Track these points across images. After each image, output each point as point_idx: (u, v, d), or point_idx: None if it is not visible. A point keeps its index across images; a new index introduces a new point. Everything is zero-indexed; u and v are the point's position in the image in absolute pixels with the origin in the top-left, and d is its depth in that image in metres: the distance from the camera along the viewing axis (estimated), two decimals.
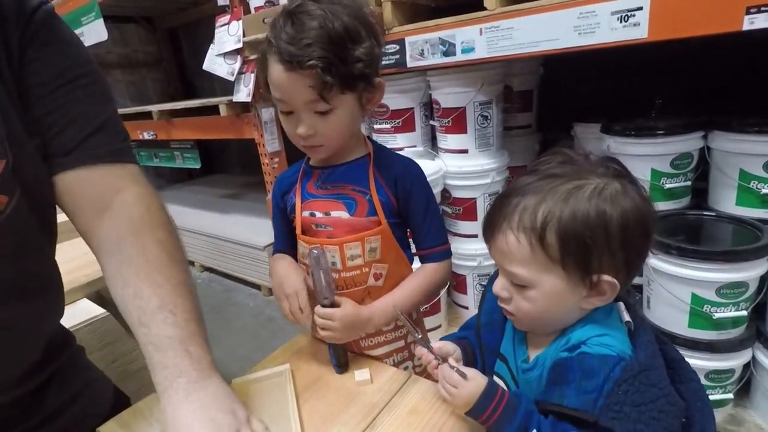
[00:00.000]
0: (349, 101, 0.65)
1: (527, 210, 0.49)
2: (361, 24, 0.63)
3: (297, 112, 0.64)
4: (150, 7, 2.90)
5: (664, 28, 0.94)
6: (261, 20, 1.65)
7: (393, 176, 0.71)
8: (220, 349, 1.94)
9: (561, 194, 0.48)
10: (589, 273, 0.48)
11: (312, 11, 0.60)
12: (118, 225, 0.58)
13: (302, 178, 0.76)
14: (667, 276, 1.09)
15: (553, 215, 0.47)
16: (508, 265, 0.51)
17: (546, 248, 0.48)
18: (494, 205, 0.54)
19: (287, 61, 0.60)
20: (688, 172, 1.23)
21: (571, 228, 0.47)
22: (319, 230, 0.74)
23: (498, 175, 1.50)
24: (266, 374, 0.73)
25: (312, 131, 0.65)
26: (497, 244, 0.52)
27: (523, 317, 0.53)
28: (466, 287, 1.65)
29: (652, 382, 0.45)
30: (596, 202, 0.47)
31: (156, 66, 3.33)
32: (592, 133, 1.43)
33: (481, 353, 0.65)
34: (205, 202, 3.00)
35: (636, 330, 0.52)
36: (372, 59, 0.64)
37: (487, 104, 1.45)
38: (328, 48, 0.59)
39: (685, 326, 1.10)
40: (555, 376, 0.49)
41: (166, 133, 2.38)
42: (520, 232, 0.49)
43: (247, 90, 1.78)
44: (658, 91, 1.34)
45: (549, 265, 0.48)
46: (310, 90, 0.61)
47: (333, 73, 0.59)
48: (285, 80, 0.62)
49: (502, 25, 1.14)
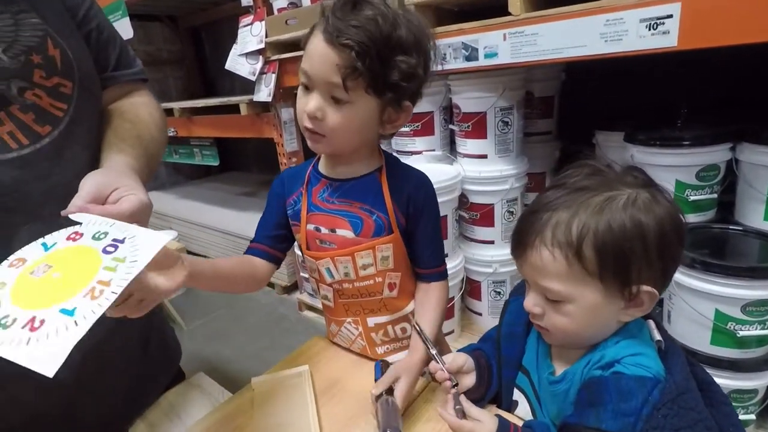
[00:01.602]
0: (368, 104, 0.62)
1: (560, 225, 0.48)
2: (418, 45, 0.61)
3: (315, 89, 0.61)
4: (174, 6, 2.94)
5: (695, 37, 0.91)
6: (284, 21, 1.66)
7: (405, 193, 0.69)
8: (232, 346, 1.96)
9: (594, 207, 0.47)
10: (627, 284, 0.47)
11: (375, 4, 0.59)
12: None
13: (309, 182, 0.73)
14: (689, 290, 1.06)
15: (588, 228, 0.46)
16: (542, 280, 0.50)
17: (583, 262, 0.47)
18: (523, 221, 0.53)
19: (329, 32, 0.58)
20: (714, 185, 1.20)
21: (608, 240, 0.46)
22: (324, 247, 0.72)
23: (517, 181, 1.49)
24: (285, 375, 0.73)
25: (320, 114, 0.61)
26: (530, 261, 0.51)
27: (558, 333, 0.52)
28: (481, 293, 1.63)
29: (690, 406, 0.45)
30: (631, 212, 0.46)
31: (178, 64, 3.37)
32: (615, 142, 1.40)
33: (499, 365, 0.64)
34: (222, 198, 3.03)
35: (667, 350, 0.51)
36: (411, 77, 0.61)
37: (508, 110, 1.43)
38: (372, 39, 0.57)
39: (707, 343, 1.07)
40: (589, 396, 0.48)
41: (187, 130, 2.41)
42: (555, 248, 0.48)
43: (268, 90, 1.79)
44: (684, 100, 1.31)
45: (586, 279, 0.48)
46: (337, 70, 0.58)
47: (365, 64, 0.57)
48: (319, 51, 0.59)
49: (526, 31, 1.13)
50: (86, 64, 0.63)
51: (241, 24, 1.83)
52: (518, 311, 0.63)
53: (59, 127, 0.57)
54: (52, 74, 0.57)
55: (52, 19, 0.59)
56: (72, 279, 0.41)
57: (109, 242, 0.44)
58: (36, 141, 0.55)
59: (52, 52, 0.57)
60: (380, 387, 0.63)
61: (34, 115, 0.55)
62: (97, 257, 0.43)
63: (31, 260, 0.43)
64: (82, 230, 0.45)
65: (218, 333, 2.11)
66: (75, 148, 0.59)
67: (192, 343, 2.00)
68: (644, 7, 0.94)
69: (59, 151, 0.57)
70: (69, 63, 0.59)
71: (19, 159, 0.53)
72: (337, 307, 0.77)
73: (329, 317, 0.81)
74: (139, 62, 0.75)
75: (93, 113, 0.64)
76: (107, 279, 0.41)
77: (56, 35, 0.58)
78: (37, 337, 0.37)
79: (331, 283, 0.73)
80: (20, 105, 0.54)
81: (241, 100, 1.97)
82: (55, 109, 0.57)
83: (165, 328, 0.87)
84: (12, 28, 0.54)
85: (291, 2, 1.70)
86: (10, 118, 0.53)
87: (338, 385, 0.72)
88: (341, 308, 0.76)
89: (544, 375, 0.57)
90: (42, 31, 0.57)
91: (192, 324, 2.18)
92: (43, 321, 0.38)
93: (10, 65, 0.54)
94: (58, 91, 0.58)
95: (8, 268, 0.43)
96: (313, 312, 2.12)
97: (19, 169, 0.53)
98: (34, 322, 0.38)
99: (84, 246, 0.44)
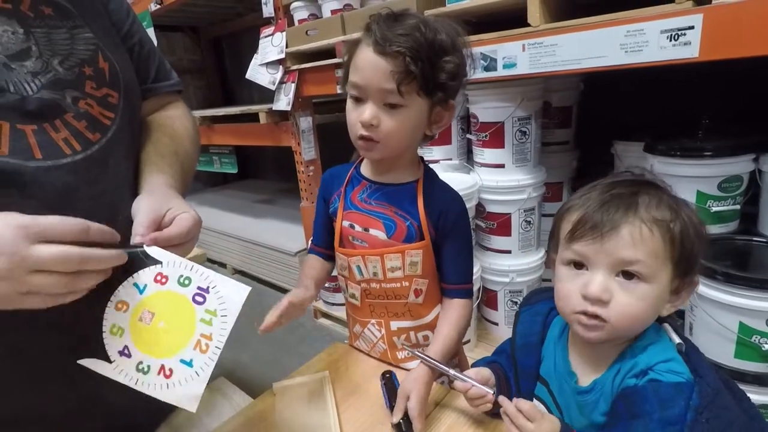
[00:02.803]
0: (420, 106, 0.65)
1: (651, 206, 0.50)
2: (457, 48, 0.66)
3: (368, 99, 0.64)
4: (197, 17, 3.02)
5: (717, 48, 0.91)
6: (304, 32, 1.69)
7: (438, 209, 0.72)
8: (248, 353, 1.97)
9: (668, 199, 0.51)
10: (686, 275, 0.51)
11: (414, 14, 0.65)
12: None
13: (348, 184, 0.77)
14: (712, 302, 1.05)
15: (677, 216, 0.50)
16: (635, 254, 0.49)
17: (672, 245, 0.49)
18: (604, 199, 0.51)
19: (379, 43, 0.61)
20: (737, 196, 1.19)
21: (690, 232, 0.50)
22: (356, 244, 0.75)
23: (534, 191, 1.49)
24: (305, 380, 0.74)
25: (376, 121, 0.64)
26: (623, 234, 0.49)
27: (618, 320, 0.50)
28: (497, 303, 1.63)
29: (726, 405, 0.46)
30: (694, 212, 0.51)
31: (199, 74, 3.45)
32: (634, 152, 1.39)
33: (516, 376, 0.64)
34: (240, 206, 3.07)
35: (688, 352, 0.51)
36: (455, 77, 0.65)
37: (526, 120, 1.44)
38: (420, 43, 0.61)
39: (731, 356, 1.05)
40: (628, 407, 0.48)
41: (207, 138, 2.46)
42: (653, 224, 0.49)
43: (287, 99, 1.82)
44: (705, 110, 1.30)
45: (668, 262, 0.50)
46: (391, 76, 0.61)
47: (417, 67, 0.61)
48: (370, 62, 0.62)
49: (545, 42, 1.13)
50: (130, 76, 0.66)
51: (262, 35, 1.87)
52: (531, 321, 0.64)
53: (107, 134, 0.60)
54: (101, 85, 0.60)
55: (102, 34, 0.63)
56: (176, 329, 0.50)
57: (195, 290, 0.50)
58: (87, 147, 0.58)
59: (102, 64, 0.61)
60: (398, 415, 0.63)
61: (86, 122, 0.58)
62: (191, 307, 0.50)
63: (132, 304, 0.50)
64: (166, 272, 0.50)
65: (235, 339, 2.10)
66: (119, 156, 0.62)
67: None
68: (665, 19, 0.94)
69: (106, 158, 0.60)
70: (116, 75, 0.63)
71: (72, 164, 0.56)
72: (363, 307, 0.79)
73: (354, 317, 0.83)
74: (174, 74, 0.79)
75: (134, 122, 0.67)
76: (208, 333, 0.50)
77: (105, 49, 0.62)
78: (173, 383, 0.48)
79: (360, 281, 0.76)
80: (74, 113, 0.57)
81: (261, 108, 2.00)
82: (104, 118, 0.60)
83: None
84: (68, 42, 0.58)
85: (311, 14, 1.74)
86: (65, 125, 0.56)
87: (359, 390, 0.72)
88: (367, 308, 0.78)
89: (567, 385, 0.57)
90: (94, 45, 0.60)
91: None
92: (172, 370, 0.49)
93: (65, 76, 0.57)
94: (106, 101, 0.61)
95: (116, 312, 0.50)
96: (329, 319, 2.13)
97: (72, 174, 0.56)
98: (165, 370, 0.49)
99: (174, 293, 0.50)
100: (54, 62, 0.56)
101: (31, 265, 0.42)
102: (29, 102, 0.54)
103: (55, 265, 0.43)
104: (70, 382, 0.61)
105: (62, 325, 0.58)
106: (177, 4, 2.36)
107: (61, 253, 0.43)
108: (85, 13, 0.61)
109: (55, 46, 0.57)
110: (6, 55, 0.53)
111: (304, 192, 2.05)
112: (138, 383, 0.48)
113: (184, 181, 0.67)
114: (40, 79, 0.55)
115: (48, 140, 0.55)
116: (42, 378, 0.59)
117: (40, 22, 0.56)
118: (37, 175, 0.53)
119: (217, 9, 2.78)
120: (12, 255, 0.41)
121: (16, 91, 0.53)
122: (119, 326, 0.50)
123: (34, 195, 0.53)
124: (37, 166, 0.53)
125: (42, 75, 0.55)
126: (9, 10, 0.54)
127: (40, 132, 0.54)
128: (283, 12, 1.81)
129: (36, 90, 0.54)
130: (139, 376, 0.49)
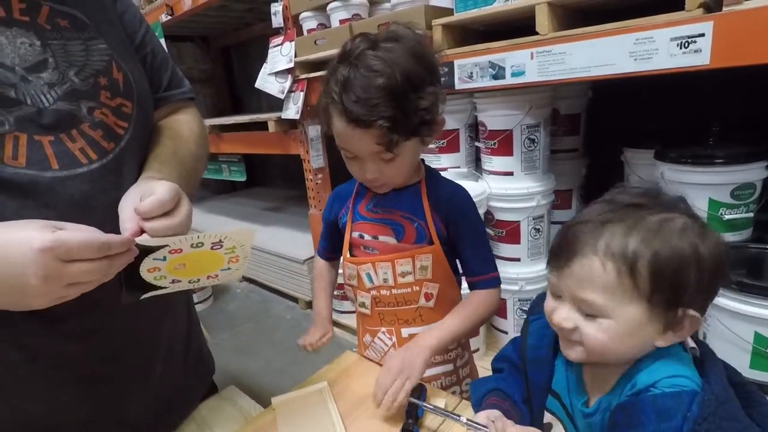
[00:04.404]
0: (413, 144, 0.67)
1: (615, 237, 0.47)
2: (421, 63, 0.63)
3: (363, 159, 0.67)
4: (207, 27, 3.06)
5: (728, 56, 0.91)
6: (313, 42, 1.70)
7: (442, 201, 0.72)
8: (256, 361, 1.97)
9: (651, 225, 0.47)
10: (674, 308, 0.47)
11: (373, 65, 0.60)
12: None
13: (356, 197, 0.78)
14: (727, 312, 1.03)
15: (648, 246, 0.46)
16: (583, 292, 0.49)
17: (635, 279, 0.46)
18: (568, 231, 0.52)
19: (350, 118, 0.61)
20: (750, 203, 1.17)
21: (667, 263, 0.45)
22: (367, 252, 0.75)
23: (543, 198, 1.48)
24: (305, 393, 0.73)
25: (378, 174, 0.68)
26: (574, 270, 0.49)
27: (590, 349, 0.51)
28: (506, 312, 1.61)
29: (732, 416, 0.43)
30: (690, 239, 0.46)
31: (208, 82, 3.49)
32: (644, 159, 1.39)
33: (528, 391, 0.63)
34: (248, 213, 3.09)
35: (704, 358, 0.50)
36: (434, 103, 0.64)
37: (534, 127, 1.43)
38: (393, 105, 0.60)
39: (746, 366, 1.04)
40: (626, 419, 0.46)
41: (216, 147, 2.48)
42: (608, 259, 0.47)
43: (296, 108, 1.84)
44: (715, 117, 1.29)
45: (633, 296, 0.47)
46: (376, 143, 0.63)
47: (399, 130, 0.61)
48: (351, 135, 0.63)
49: (554, 50, 1.13)
50: (143, 86, 0.67)
51: (271, 44, 1.89)
52: (541, 333, 0.62)
53: (120, 143, 0.61)
54: (115, 95, 0.61)
55: (116, 45, 0.64)
56: (207, 263, 0.56)
57: (210, 245, 0.54)
58: (103, 156, 0.59)
59: (116, 75, 0.62)
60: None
61: (102, 132, 0.59)
62: (212, 252, 0.55)
63: (163, 267, 0.53)
64: (176, 247, 0.52)
65: (244, 347, 2.13)
66: (132, 164, 0.63)
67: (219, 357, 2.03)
68: (675, 26, 0.94)
69: (120, 167, 0.61)
70: (129, 85, 0.64)
71: (88, 173, 0.57)
72: (373, 315, 0.79)
73: (364, 327, 0.83)
74: (186, 82, 0.80)
75: (146, 131, 0.68)
76: (235, 256, 0.57)
77: (119, 60, 0.63)
78: (219, 278, 0.58)
79: (370, 288, 0.76)
80: (90, 123, 0.58)
81: (270, 117, 2.02)
82: (119, 128, 0.61)
83: (201, 340, 0.89)
84: (83, 53, 0.59)
85: (320, 23, 1.75)
86: (81, 135, 0.57)
87: (369, 400, 0.72)
88: (377, 316, 0.78)
89: (577, 405, 0.56)
90: (108, 56, 0.61)
91: (218, 337, 2.21)
92: (217, 275, 0.58)
93: (81, 87, 0.58)
94: (120, 110, 0.62)
95: (150, 273, 0.53)
96: (338, 327, 2.12)
97: (89, 183, 0.57)
98: (211, 276, 0.58)
99: (192, 252, 0.53)
100: (70, 73, 0.57)
101: (67, 280, 0.44)
102: (46, 114, 0.55)
103: (88, 276, 0.46)
104: (85, 389, 0.61)
105: (79, 332, 0.58)
106: (188, 15, 2.39)
107: (94, 268, 0.45)
108: (99, 24, 0.62)
109: (71, 57, 0.58)
110: (24, 68, 0.54)
111: (312, 200, 2.06)
112: (194, 286, 0.58)
113: (186, 179, 0.66)
114: (56, 91, 0.56)
115: (64, 150, 0.56)
116: (58, 385, 0.59)
117: (57, 34, 0.57)
118: (53, 185, 0.54)
119: (227, 19, 2.82)
120: (47, 278, 0.42)
121: (33, 104, 0.54)
122: (160, 276, 0.54)
123: (52, 205, 0.54)
124: (54, 176, 0.54)
125: (58, 86, 0.56)
126: (27, 22, 0.55)
127: (56, 142, 0.55)
128: (292, 22, 1.83)
129: (52, 101, 0.55)
130: (193, 284, 0.57)
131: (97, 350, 0.61)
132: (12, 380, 0.57)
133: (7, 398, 0.57)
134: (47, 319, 0.53)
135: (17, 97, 0.53)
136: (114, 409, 0.65)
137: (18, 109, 0.53)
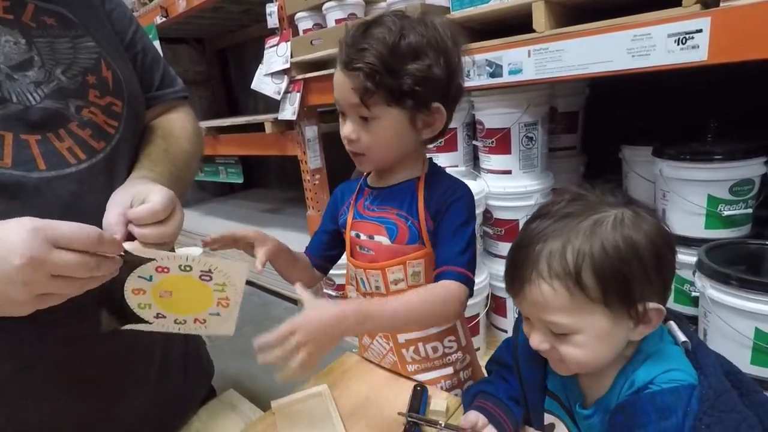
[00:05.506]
0: (395, 116, 0.64)
1: (554, 255, 0.47)
2: (432, 46, 0.62)
3: (346, 114, 0.66)
4: (202, 29, 3.05)
5: (726, 51, 0.90)
6: (309, 42, 1.70)
7: (436, 197, 0.69)
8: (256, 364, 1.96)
9: (584, 232, 0.46)
10: (632, 304, 0.46)
11: (385, 22, 0.62)
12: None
13: (357, 195, 0.77)
14: (727, 308, 1.03)
15: (584, 254, 0.46)
16: (545, 315, 0.49)
17: (585, 290, 0.46)
18: (514, 257, 0.51)
19: (342, 60, 0.63)
20: (748, 199, 1.17)
21: (606, 263, 0.45)
22: (363, 253, 0.74)
23: (542, 196, 1.48)
24: (304, 396, 0.72)
25: (354, 135, 0.66)
26: (529, 297, 0.49)
27: (572, 364, 0.50)
28: (506, 310, 1.61)
29: (730, 407, 0.43)
30: (622, 232, 0.46)
31: (204, 84, 3.48)
32: (642, 156, 1.38)
33: (522, 389, 0.62)
34: (246, 215, 3.07)
35: (695, 350, 0.49)
36: (427, 79, 0.62)
37: (532, 125, 1.43)
38: (379, 56, 0.60)
39: (747, 363, 1.03)
40: (625, 421, 0.46)
41: (212, 149, 2.47)
42: (554, 280, 0.47)
43: (293, 108, 1.83)
44: (713, 113, 1.28)
45: (591, 307, 0.47)
46: (354, 93, 0.62)
47: (376, 81, 0.60)
48: (338, 80, 0.65)
49: (551, 48, 1.13)
50: (133, 85, 0.66)
51: (267, 45, 1.88)
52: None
53: (111, 143, 0.60)
54: (105, 94, 0.60)
55: (105, 43, 0.63)
56: (196, 297, 0.54)
57: (199, 273, 0.53)
58: (92, 156, 0.58)
59: (105, 73, 0.61)
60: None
61: (91, 131, 0.58)
62: (201, 283, 0.54)
63: (147, 289, 0.52)
64: (164, 265, 0.51)
65: (243, 350, 2.09)
66: (123, 164, 0.62)
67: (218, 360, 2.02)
68: (672, 23, 0.94)
69: (110, 167, 0.60)
70: (119, 83, 0.63)
71: (77, 173, 0.56)
72: None
73: None
74: (179, 81, 0.79)
75: (137, 131, 0.67)
76: (224, 296, 0.55)
77: (108, 58, 0.62)
78: (208, 326, 0.57)
79: (365, 293, 0.75)
80: (78, 122, 0.57)
81: (266, 118, 2.01)
82: (109, 127, 0.60)
83: (200, 343, 0.88)
84: (71, 51, 0.58)
85: (316, 23, 1.75)
86: (69, 134, 0.56)
87: (369, 402, 0.71)
88: None
89: (575, 406, 0.55)
90: (96, 53, 0.60)
91: (216, 340, 2.19)
92: (205, 320, 0.56)
93: (68, 85, 0.57)
94: (110, 109, 0.61)
95: (135, 296, 0.52)
96: None
97: (77, 184, 0.56)
98: (199, 320, 0.56)
99: (180, 276, 0.52)
100: (57, 71, 0.56)
101: (51, 269, 0.42)
102: (32, 112, 0.53)
103: (74, 271, 0.43)
104: (81, 394, 0.60)
105: (73, 338, 0.57)
106: (182, 17, 2.38)
107: (82, 261, 0.43)
108: (87, 22, 0.61)
109: (57, 55, 0.57)
110: (8, 66, 0.53)
111: (310, 201, 2.05)
112: (179, 330, 0.56)
113: (178, 178, 0.66)
114: (43, 89, 0.55)
115: (52, 150, 0.54)
116: (53, 391, 0.59)
117: (43, 32, 0.56)
118: (40, 186, 0.53)
119: (222, 21, 2.81)
120: (32, 259, 0.40)
121: (19, 102, 0.53)
122: (145, 303, 0.53)
123: (38, 205, 0.52)
124: (41, 177, 0.53)
125: (45, 85, 0.55)
126: (11, 20, 0.54)
127: (43, 142, 0.54)
128: (288, 22, 1.82)
129: (39, 100, 0.54)
130: (179, 326, 0.56)
131: (91, 355, 0.60)
132: (6, 387, 0.56)
133: (2, 405, 0.56)
134: (41, 324, 0.52)
135: (2, 95, 0.52)
136: (111, 414, 0.64)
137: (3, 107, 0.52)
